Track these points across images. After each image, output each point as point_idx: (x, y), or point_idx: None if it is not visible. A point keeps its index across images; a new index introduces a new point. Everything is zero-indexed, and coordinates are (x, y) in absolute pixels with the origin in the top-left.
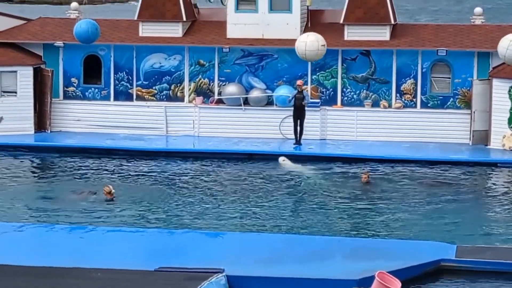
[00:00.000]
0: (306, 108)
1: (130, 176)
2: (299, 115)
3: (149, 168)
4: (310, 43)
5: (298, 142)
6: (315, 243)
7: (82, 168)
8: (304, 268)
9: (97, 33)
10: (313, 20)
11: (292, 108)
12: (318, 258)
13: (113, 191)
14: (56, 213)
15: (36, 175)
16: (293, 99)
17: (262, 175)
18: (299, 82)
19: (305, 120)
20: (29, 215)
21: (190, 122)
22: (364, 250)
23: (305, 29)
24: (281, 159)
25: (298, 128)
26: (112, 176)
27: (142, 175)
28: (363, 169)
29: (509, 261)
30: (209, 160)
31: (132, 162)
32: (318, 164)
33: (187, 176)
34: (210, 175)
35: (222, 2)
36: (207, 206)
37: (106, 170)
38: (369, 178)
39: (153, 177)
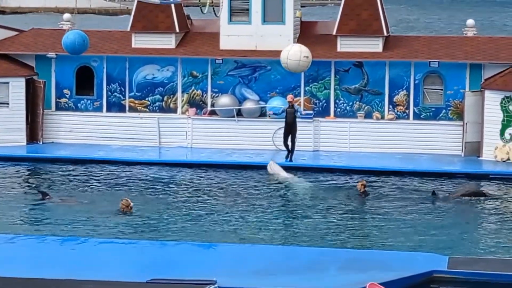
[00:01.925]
0: (298, 120)
1: (122, 187)
2: (290, 130)
3: (142, 179)
4: (293, 52)
5: (290, 158)
6: (308, 255)
7: (74, 179)
8: (297, 279)
9: (84, 44)
10: (306, 32)
11: (284, 122)
12: (311, 270)
13: (131, 204)
14: (48, 225)
15: (28, 186)
16: (284, 113)
17: (255, 186)
18: (289, 97)
19: (298, 133)
20: (21, 227)
21: (183, 134)
22: (357, 261)
23: (298, 41)
24: (272, 169)
25: (290, 143)
26: (104, 187)
27: (134, 186)
28: (361, 178)
29: (501, 272)
30: (202, 171)
31: (125, 174)
32: (311, 175)
33: (179, 187)
34: (202, 186)
35: (215, 13)
36: (199, 217)
37: (98, 181)
38: (366, 187)
39: (145, 188)
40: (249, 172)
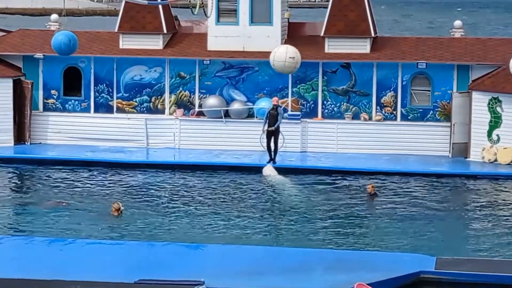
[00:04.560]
0: (286, 122)
1: (110, 188)
2: (272, 132)
3: (129, 180)
4: (279, 54)
5: (273, 160)
6: (296, 256)
7: (62, 180)
8: (285, 280)
9: (70, 45)
10: (293, 33)
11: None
12: (299, 271)
13: (122, 208)
14: (36, 226)
15: (15, 187)
16: (267, 115)
17: (243, 187)
18: (274, 100)
19: (285, 134)
20: (8, 227)
21: (171, 135)
22: (345, 262)
23: (286, 42)
24: (266, 172)
25: (272, 145)
26: (92, 189)
27: (122, 187)
28: (370, 180)
29: (489, 273)
30: (190, 173)
31: (112, 175)
32: (298, 176)
33: (167, 188)
34: (190, 187)
35: (205, 14)
36: (187, 218)
37: (86, 182)
38: (375, 188)
39: (132, 189)
40: (237, 173)
